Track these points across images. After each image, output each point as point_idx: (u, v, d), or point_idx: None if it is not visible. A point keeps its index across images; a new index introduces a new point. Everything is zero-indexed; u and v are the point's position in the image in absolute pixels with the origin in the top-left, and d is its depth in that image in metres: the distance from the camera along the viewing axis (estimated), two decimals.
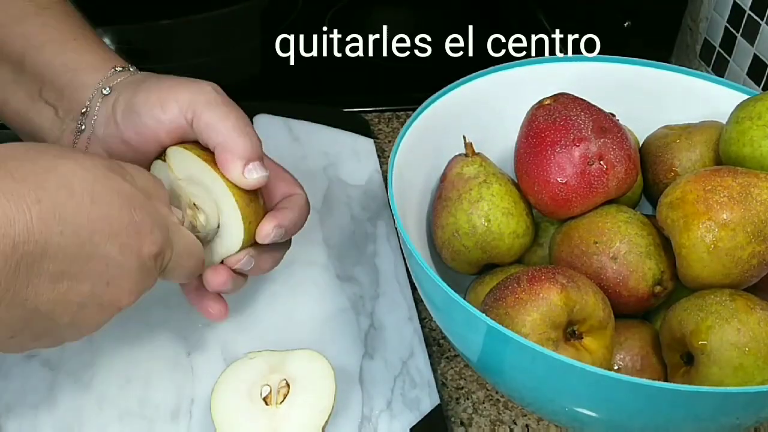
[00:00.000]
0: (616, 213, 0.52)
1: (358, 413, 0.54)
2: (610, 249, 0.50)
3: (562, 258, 0.53)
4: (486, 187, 0.55)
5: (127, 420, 0.53)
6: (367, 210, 0.71)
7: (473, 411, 0.56)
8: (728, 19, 0.82)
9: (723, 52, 0.83)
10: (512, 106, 0.58)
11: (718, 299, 0.47)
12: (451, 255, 0.56)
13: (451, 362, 0.59)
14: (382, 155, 0.78)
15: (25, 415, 0.52)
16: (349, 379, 0.56)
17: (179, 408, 0.53)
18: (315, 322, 0.60)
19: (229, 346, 0.57)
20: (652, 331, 0.52)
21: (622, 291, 0.50)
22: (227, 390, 0.51)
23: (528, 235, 0.56)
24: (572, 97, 0.55)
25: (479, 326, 0.44)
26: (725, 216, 0.47)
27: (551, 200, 0.53)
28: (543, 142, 0.53)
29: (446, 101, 0.59)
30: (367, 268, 0.65)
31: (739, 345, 0.44)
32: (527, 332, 0.45)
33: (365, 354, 0.58)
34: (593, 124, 0.53)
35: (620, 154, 0.53)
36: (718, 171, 0.49)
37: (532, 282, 0.47)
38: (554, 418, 0.53)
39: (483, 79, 0.61)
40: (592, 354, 0.47)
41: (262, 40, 0.97)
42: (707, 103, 0.61)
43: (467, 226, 0.54)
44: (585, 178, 0.52)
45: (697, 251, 0.47)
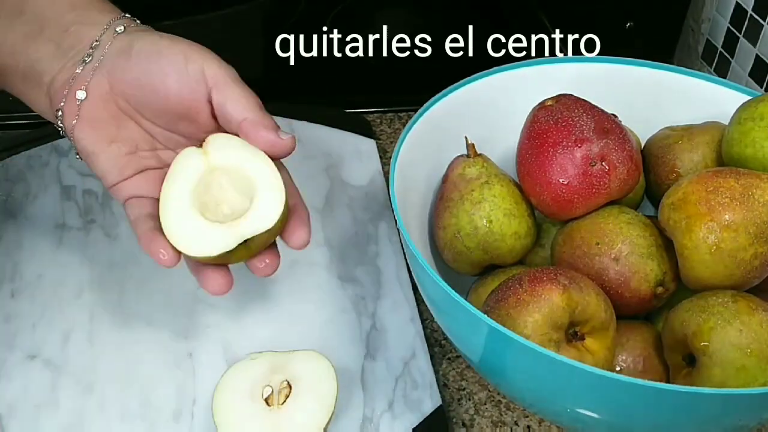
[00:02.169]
0: (618, 214, 0.52)
1: (360, 414, 0.54)
2: (612, 250, 0.50)
3: (564, 259, 0.53)
4: (488, 188, 0.55)
5: (128, 420, 0.53)
6: (368, 211, 0.71)
7: (475, 412, 0.56)
8: (730, 20, 0.82)
9: (725, 52, 0.83)
10: (514, 107, 0.58)
11: (720, 300, 0.47)
12: (453, 256, 0.56)
13: (453, 363, 0.59)
14: (383, 156, 0.78)
15: (27, 416, 0.52)
16: (350, 380, 0.56)
17: (181, 409, 0.53)
18: (317, 322, 0.60)
19: (230, 347, 0.57)
20: (654, 332, 0.52)
21: (624, 292, 0.50)
22: (229, 390, 0.51)
23: (530, 236, 0.56)
24: (574, 98, 0.55)
25: (481, 327, 0.44)
26: (727, 217, 0.47)
27: (553, 201, 0.53)
28: (545, 143, 0.53)
29: (448, 102, 0.59)
30: (368, 268, 0.65)
31: (741, 346, 0.44)
32: (529, 333, 0.45)
33: (367, 355, 0.58)
34: (595, 125, 0.53)
35: (622, 155, 0.53)
36: (720, 172, 0.49)
37: (533, 283, 0.47)
38: (556, 420, 0.53)
39: (485, 80, 0.61)
40: (593, 355, 0.47)
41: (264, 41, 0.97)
42: (709, 104, 0.61)
43: (469, 227, 0.54)
44: (587, 179, 0.52)
45: (699, 252, 0.47)
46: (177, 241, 0.46)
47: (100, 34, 0.49)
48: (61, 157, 0.74)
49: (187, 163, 0.48)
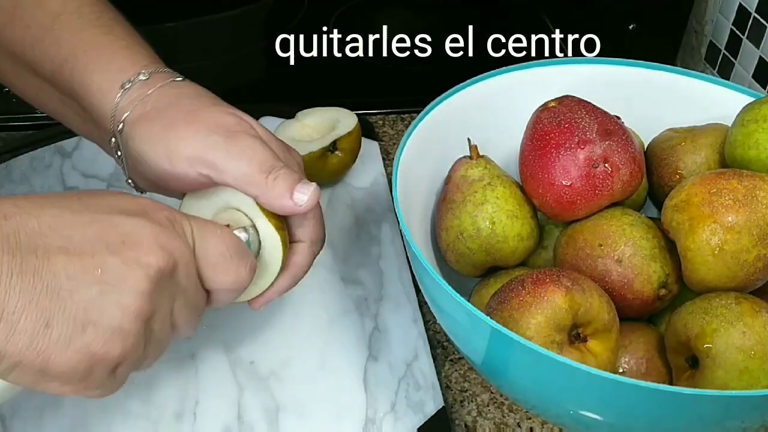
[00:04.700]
0: (621, 216, 0.52)
1: (363, 415, 0.54)
2: (615, 252, 0.50)
3: (567, 261, 0.53)
4: (490, 190, 0.55)
5: (131, 421, 0.53)
6: (371, 212, 0.71)
7: (478, 414, 0.56)
8: (733, 21, 0.82)
9: (728, 54, 0.83)
10: (517, 108, 0.58)
11: (723, 302, 0.46)
12: (456, 257, 0.56)
13: (456, 365, 0.59)
14: (386, 157, 0.78)
15: (30, 416, 0.53)
16: (353, 381, 0.56)
17: (183, 409, 0.53)
18: (319, 324, 0.60)
19: (233, 349, 0.57)
20: (656, 334, 0.52)
21: (626, 294, 0.50)
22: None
23: (532, 237, 0.56)
24: (577, 99, 0.55)
25: (484, 329, 0.44)
26: (730, 219, 0.47)
27: (556, 203, 0.53)
28: (548, 145, 0.53)
29: (451, 104, 0.59)
30: (371, 270, 0.65)
31: (745, 348, 0.44)
32: (532, 335, 0.45)
33: (369, 356, 0.58)
34: (598, 126, 0.53)
35: (625, 156, 0.53)
36: (723, 174, 0.49)
37: (536, 285, 0.47)
38: (558, 421, 0.53)
39: (487, 82, 0.61)
40: (596, 357, 0.47)
41: (265, 41, 0.98)
42: (712, 105, 0.61)
43: (472, 228, 0.54)
44: (590, 180, 0.52)
45: (702, 254, 0.47)
46: None
47: (111, 128, 0.48)
48: (64, 158, 0.74)
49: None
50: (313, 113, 0.74)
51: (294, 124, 0.73)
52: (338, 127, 0.72)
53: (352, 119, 0.72)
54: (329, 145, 0.69)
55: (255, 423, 0.53)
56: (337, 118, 0.73)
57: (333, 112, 0.74)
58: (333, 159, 0.70)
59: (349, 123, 0.72)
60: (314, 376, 0.56)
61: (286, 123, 0.73)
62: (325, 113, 0.74)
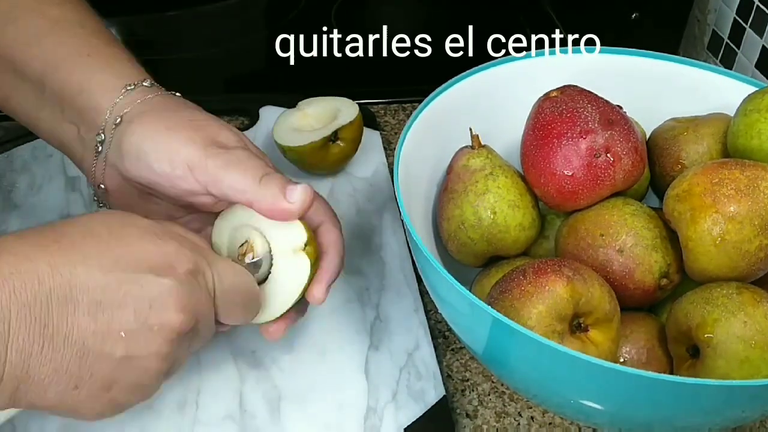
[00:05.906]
0: (623, 206, 0.52)
1: (364, 404, 0.54)
2: (617, 241, 0.50)
3: (568, 250, 0.53)
4: (492, 180, 0.55)
5: (134, 410, 0.53)
6: (372, 202, 0.71)
7: (479, 403, 0.56)
8: (736, 10, 0.81)
9: (731, 43, 0.83)
10: (519, 98, 0.58)
11: (724, 292, 0.46)
12: (457, 247, 0.56)
13: (457, 354, 0.59)
14: (388, 147, 0.78)
15: (33, 413, 0.53)
16: (354, 371, 0.56)
17: (185, 399, 0.54)
18: (321, 313, 0.60)
19: (235, 339, 0.58)
20: (658, 323, 0.52)
21: (628, 283, 0.50)
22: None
23: (534, 227, 0.56)
24: (579, 89, 0.55)
25: (485, 318, 0.44)
26: (732, 209, 0.47)
27: (557, 192, 0.53)
28: (549, 135, 0.53)
29: (452, 93, 0.59)
30: (372, 260, 0.65)
31: (746, 338, 0.44)
32: (533, 324, 0.45)
33: (371, 346, 0.58)
34: (600, 116, 0.53)
35: (627, 146, 0.53)
36: (725, 163, 0.49)
37: (537, 274, 0.47)
38: (559, 411, 0.53)
39: (489, 71, 0.61)
40: (597, 346, 0.47)
41: (267, 31, 0.97)
42: (715, 95, 0.61)
43: (473, 218, 0.54)
44: (591, 170, 0.52)
45: (703, 244, 0.47)
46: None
47: (104, 123, 0.49)
48: None
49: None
50: (315, 103, 0.74)
51: (295, 113, 0.73)
52: (339, 116, 0.71)
53: (353, 109, 0.72)
54: (330, 134, 0.69)
55: (257, 412, 0.53)
56: (339, 108, 0.73)
57: (334, 102, 0.73)
58: (334, 149, 0.70)
59: (351, 113, 0.71)
60: (316, 366, 0.56)
61: (288, 113, 0.73)
62: (327, 103, 0.74)
